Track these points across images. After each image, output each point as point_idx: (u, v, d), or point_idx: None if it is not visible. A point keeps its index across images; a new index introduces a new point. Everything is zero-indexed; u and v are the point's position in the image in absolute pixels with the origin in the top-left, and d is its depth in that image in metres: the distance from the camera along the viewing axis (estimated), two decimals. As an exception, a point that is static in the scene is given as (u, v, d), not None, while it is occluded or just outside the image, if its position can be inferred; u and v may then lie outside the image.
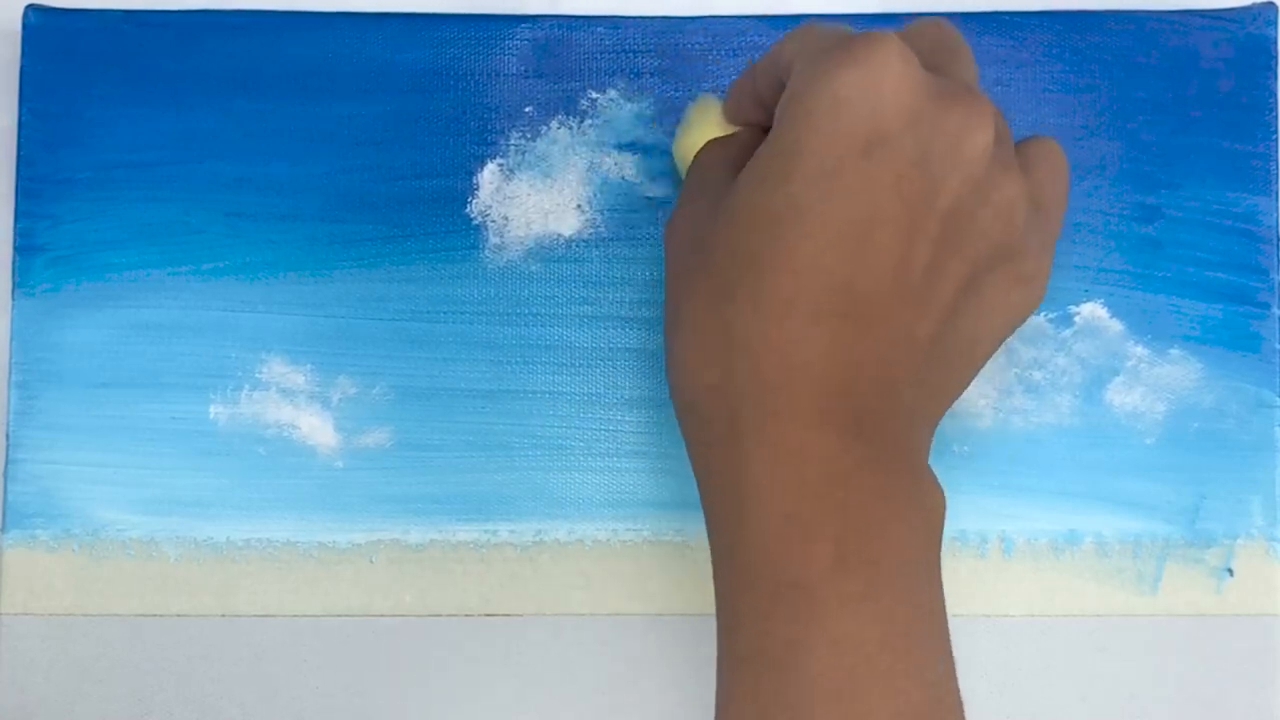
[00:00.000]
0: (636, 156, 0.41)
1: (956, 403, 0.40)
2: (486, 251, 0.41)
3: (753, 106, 0.36)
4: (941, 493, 0.32)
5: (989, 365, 0.41)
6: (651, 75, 0.41)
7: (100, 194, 0.41)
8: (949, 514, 0.40)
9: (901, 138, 0.31)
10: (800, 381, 0.31)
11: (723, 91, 0.41)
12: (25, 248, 0.40)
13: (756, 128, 0.36)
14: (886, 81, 0.30)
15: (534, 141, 0.41)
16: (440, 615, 0.40)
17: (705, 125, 0.38)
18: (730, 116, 0.37)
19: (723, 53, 0.41)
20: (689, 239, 0.34)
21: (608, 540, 0.40)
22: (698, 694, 0.40)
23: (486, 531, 0.40)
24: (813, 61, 0.31)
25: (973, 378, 0.35)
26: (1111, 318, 0.41)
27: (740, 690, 0.31)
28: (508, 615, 0.40)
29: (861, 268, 0.31)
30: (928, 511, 0.32)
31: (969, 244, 0.32)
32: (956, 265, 0.32)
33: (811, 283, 0.31)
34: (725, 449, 0.31)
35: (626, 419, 0.41)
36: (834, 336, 0.31)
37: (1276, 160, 0.41)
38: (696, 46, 0.41)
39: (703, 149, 0.37)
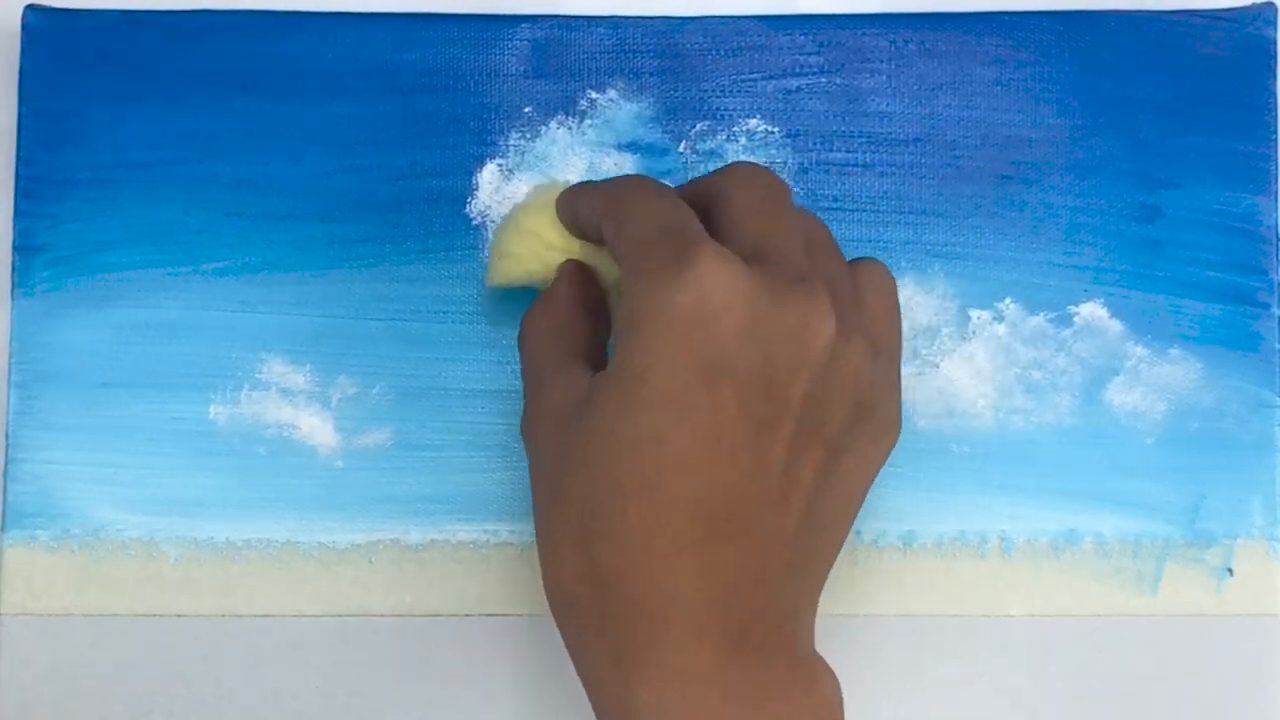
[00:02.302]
0: (636, 157, 0.41)
1: (956, 403, 0.40)
2: (486, 251, 0.41)
3: (574, 227, 0.36)
4: (832, 674, 0.33)
5: (988, 365, 0.41)
6: (651, 75, 0.41)
7: (100, 194, 0.41)
8: (949, 515, 0.40)
9: (741, 353, 0.31)
10: (675, 607, 0.31)
11: (723, 93, 0.41)
12: (25, 248, 0.40)
13: (577, 303, 0.36)
14: (717, 303, 0.30)
15: (534, 141, 0.41)
16: (440, 615, 0.40)
17: (545, 211, 0.37)
18: (560, 218, 0.37)
19: (723, 53, 0.41)
20: (543, 456, 0.34)
21: (608, 540, 0.40)
22: (698, 694, 0.40)
23: (486, 531, 0.40)
24: (641, 273, 0.31)
25: (846, 535, 0.35)
26: (1111, 318, 0.41)
27: None
28: (508, 615, 0.40)
29: (721, 487, 0.31)
30: (821, 703, 0.32)
31: (825, 428, 0.32)
32: (813, 453, 0.32)
33: (673, 511, 0.31)
34: (613, 677, 0.32)
35: (626, 419, 0.41)
36: (702, 559, 0.31)
37: (1276, 160, 0.41)
38: (696, 46, 0.41)
39: (527, 330, 0.36)
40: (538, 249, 0.37)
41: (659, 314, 0.31)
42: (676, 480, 0.31)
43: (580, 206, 0.36)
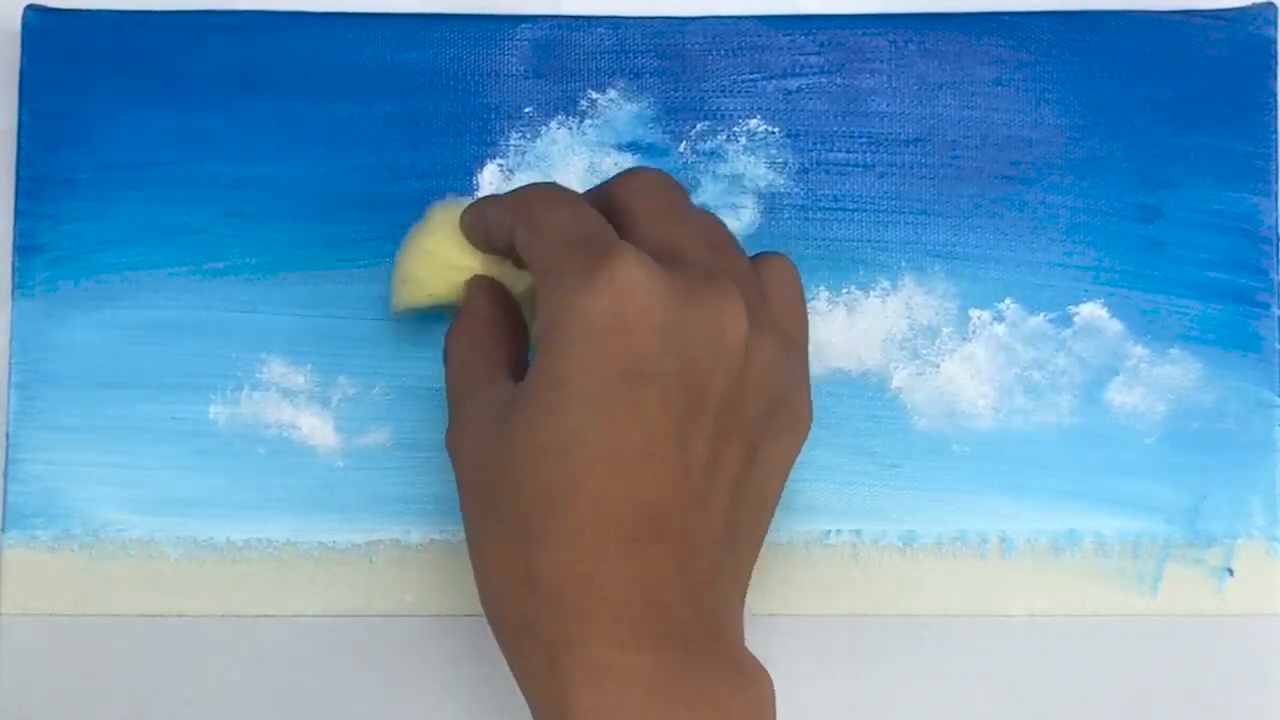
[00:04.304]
0: (636, 157, 0.41)
1: (956, 403, 0.40)
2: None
3: (482, 242, 0.37)
4: (764, 671, 0.33)
5: (988, 365, 0.41)
6: (651, 75, 0.41)
7: (100, 194, 0.41)
8: (949, 514, 0.40)
9: (659, 355, 0.31)
10: (607, 608, 0.31)
11: (723, 93, 0.41)
12: (25, 248, 0.40)
13: (495, 317, 0.36)
14: (633, 304, 0.31)
15: (534, 142, 0.41)
16: (440, 615, 0.40)
17: (445, 230, 0.37)
18: (465, 234, 0.37)
19: (723, 53, 0.41)
20: (469, 465, 0.34)
21: (608, 540, 0.40)
22: (698, 694, 0.40)
23: (486, 531, 0.40)
24: (559, 284, 0.32)
25: (767, 529, 0.35)
26: (1111, 318, 0.41)
27: None
28: (508, 615, 0.40)
29: (648, 487, 0.31)
30: (754, 700, 0.32)
31: (742, 423, 0.33)
32: (733, 449, 0.33)
33: (603, 512, 0.31)
34: (547, 679, 0.32)
35: (626, 419, 0.41)
36: (632, 559, 0.31)
37: (1276, 160, 0.41)
38: (696, 46, 0.41)
39: (451, 345, 0.36)
40: (440, 270, 0.37)
41: (577, 319, 0.31)
42: (603, 481, 0.31)
43: (489, 218, 0.36)
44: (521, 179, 0.41)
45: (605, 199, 0.35)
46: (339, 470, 0.40)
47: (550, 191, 0.35)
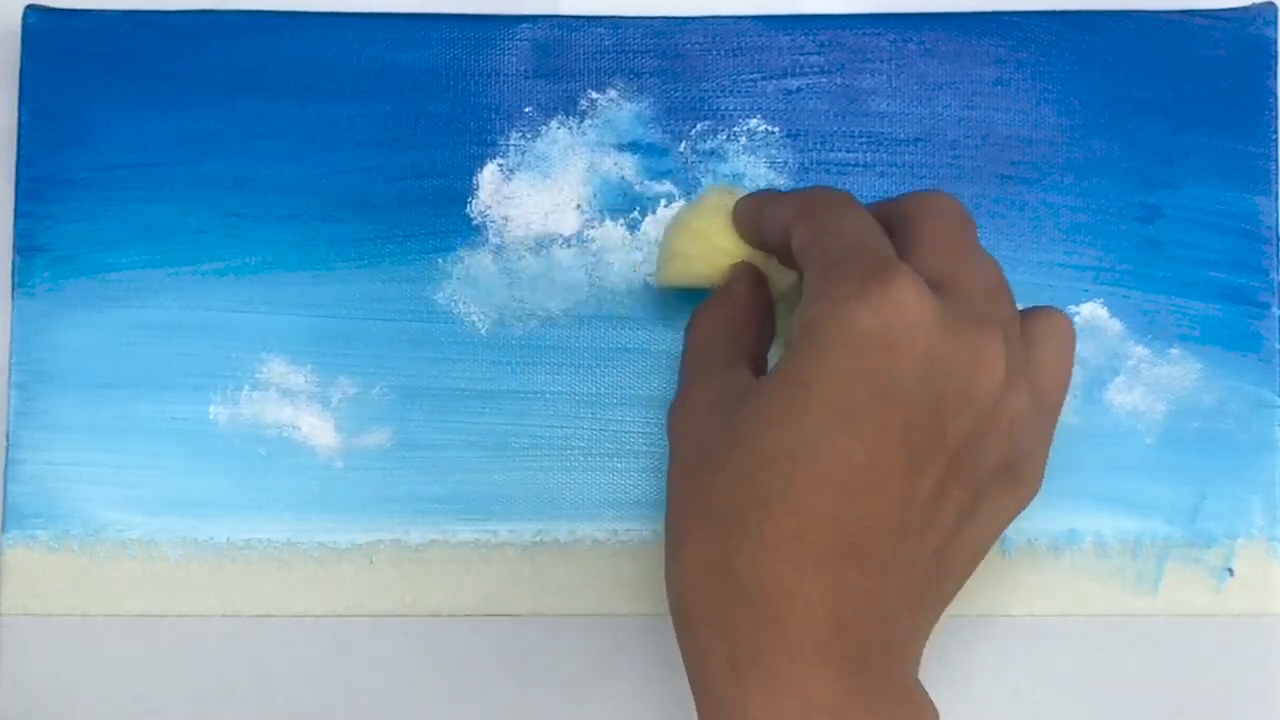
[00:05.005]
0: (636, 157, 0.41)
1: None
2: (486, 251, 0.41)
3: (753, 235, 0.36)
4: (934, 708, 0.32)
5: (989, 365, 0.41)
6: (651, 75, 0.41)
7: (100, 194, 0.41)
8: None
9: (913, 383, 0.30)
10: (800, 621, 0.31)
11: (723, 93, 0.41)
12: (25, 248, 0.40)
13: (752, 304, 0.36)
14: (903, 325, 0.30)
15: (534, 141, 0.41)
16: (440, 615, 0.40)
17: (717, 215, 0.37)
18: (736, 224, 0.37)
19: (723, 53, 0.41)
20: (690, 444, 0.33)
21: (608, 540, 0.40)
22: (698, 694, 0.40)
23: (486, 531, 0.40)
24: (829, 285, 0.31)
25: (969, 577, 0.34)
26: (1111, 318, 0.41)
27: None
28: (508, 615, 0.40)
29: (867, 509, 0.31)
30: None
31: (974, 470, 0.32)
32: (959, 492, 0.32)
33: (817, 526, 0.31)
34: (726, 683, 0.31)
35: (626, 419, 0.41)
36: (836, 578, 0.31)
37: (1276, 160, 0.41)
38: (696, 46, 0.41)
39: (699, 319, 0.36)
40: (708, 252, 0.37)
41: (841, 328, 0.30)
42: (824, 494, 0.30)
43: (766, 212, 0.35)
44: (521, 179, 0.41)
45: (891, 214, 0.34)
46: (339, 470, 0.40)
47: (837, 196, 0.34)
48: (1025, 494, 0.34)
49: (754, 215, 0.36)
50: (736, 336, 0.35)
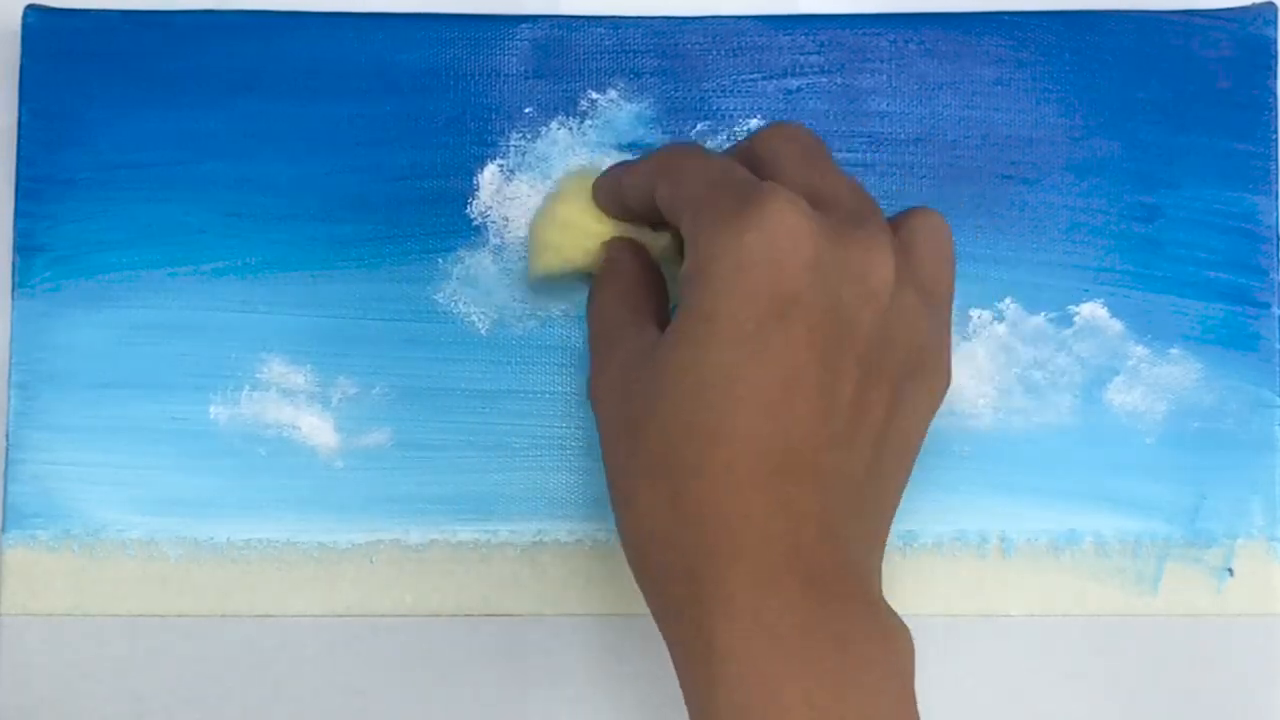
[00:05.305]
0: (636, 157, 0.41)
1: (956, 403, 0.41)
2: (486, 252, 0.41)
3: (617, 207, 0.37)
4: (905, 627, 0.32)
5: (988, 365, 0.41)
6: (651, 75, 0.41)
7: (100, 194, 0.41)
8: (949, 515, 0.40)
9: (809, 292, 0.31)
10: (751, 545, 0.31)
11: (723, 93, 0.41)
12: (25, 248, 0.40)
13: (640, 270, 0.37)
14: (785, 240, 0.31)
15: (534, 142, 0.41)
16: (440, 615, 0.40)
17: (579, 199, 0.38)
18: (598, 202, 0.38)
19: (723, 53, 0.41)
20: (616, 407, 0.34)
21: (608, 540, 0.40)
22: (698, 694, 0.40)
23: (486, 531, 0.40)
24: (709, 223, 0.32)
25: (907, 480, 0.35)
26: (1111, 318, 0.41)
27: None
28: (508, 615, 0.40)
29: (792, 425, 0.31)
30: (894, 653, 0.32)
31: (886, 367, 0.33)
32: (878, 392, 0.33)
33: (747, 448, 0.31)
34: (689, 619, 0.32)
35: (626, 419, 0.41)
36: (779, 496, 0.31)
37: (1276, 160, 0.41)
38: (696, 46, 0.41)
39: (597, 299, 0.37)
40: (578, 237, 0.38)
41: (728, 255, 0.31)
42: (751, 417, 0.31)
43: (625, 181, 0.36)
44: (522, 179, 0.41)
45: (745, 154, 0.35)
46: (339, 470, 0.40)
47: (688, 146, 0.35)
48: (939, 385, 0.34)
49: (614, 188, 0.37)
50: (636, 304, 0.36)
